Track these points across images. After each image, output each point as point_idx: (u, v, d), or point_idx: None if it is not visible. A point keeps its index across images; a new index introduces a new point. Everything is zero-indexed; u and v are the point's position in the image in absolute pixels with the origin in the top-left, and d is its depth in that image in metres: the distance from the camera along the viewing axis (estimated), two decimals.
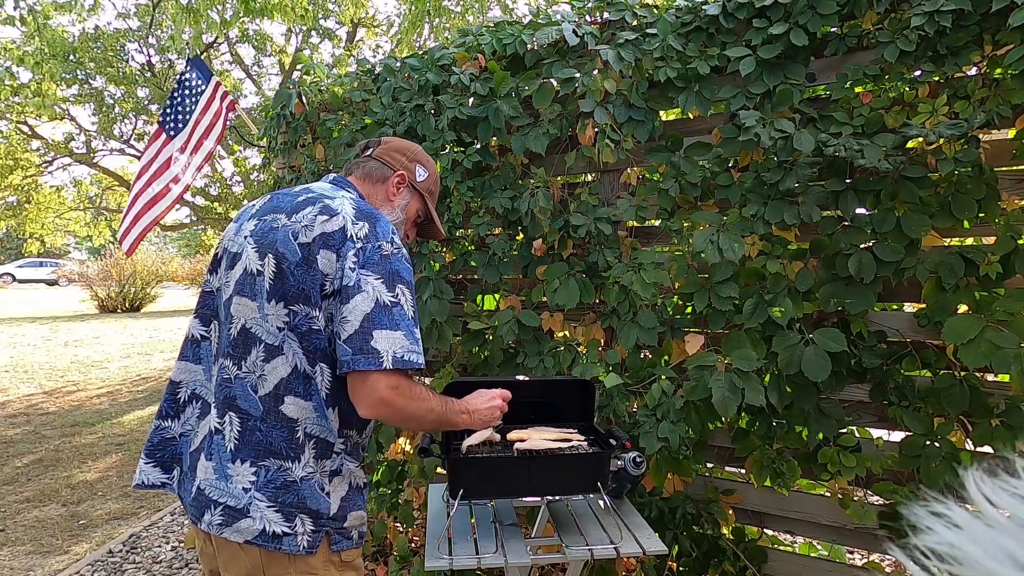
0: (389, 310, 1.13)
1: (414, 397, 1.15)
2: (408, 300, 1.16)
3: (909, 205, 1.68)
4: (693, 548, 2.01)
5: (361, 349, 1.09)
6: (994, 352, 1.51)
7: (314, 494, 1.17)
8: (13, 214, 15.89)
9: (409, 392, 1.14)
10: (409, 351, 1.12)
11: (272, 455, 1.15)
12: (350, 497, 1.23)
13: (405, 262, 1.19)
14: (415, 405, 1.16)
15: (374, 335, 1.10)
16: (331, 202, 1.20)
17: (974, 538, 0.35)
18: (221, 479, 1.14)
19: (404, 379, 1.13)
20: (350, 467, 1.24)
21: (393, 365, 1.09)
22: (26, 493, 3.78)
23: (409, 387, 1.14)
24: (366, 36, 13.20)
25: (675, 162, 2.00)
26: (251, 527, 1.11)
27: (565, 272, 2.13)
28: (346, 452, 1.24)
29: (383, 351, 1.09)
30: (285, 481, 1.15)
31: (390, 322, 1.12)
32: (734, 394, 1.74)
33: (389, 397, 1.10)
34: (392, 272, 1.15)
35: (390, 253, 1.17)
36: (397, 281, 1.15)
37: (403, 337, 1.12)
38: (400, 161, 1.42)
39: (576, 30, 2.11)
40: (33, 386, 6.81)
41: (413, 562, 2.33)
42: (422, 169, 1.45)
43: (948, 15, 1.60)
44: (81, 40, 9.69)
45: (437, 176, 1.50)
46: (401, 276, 1.16)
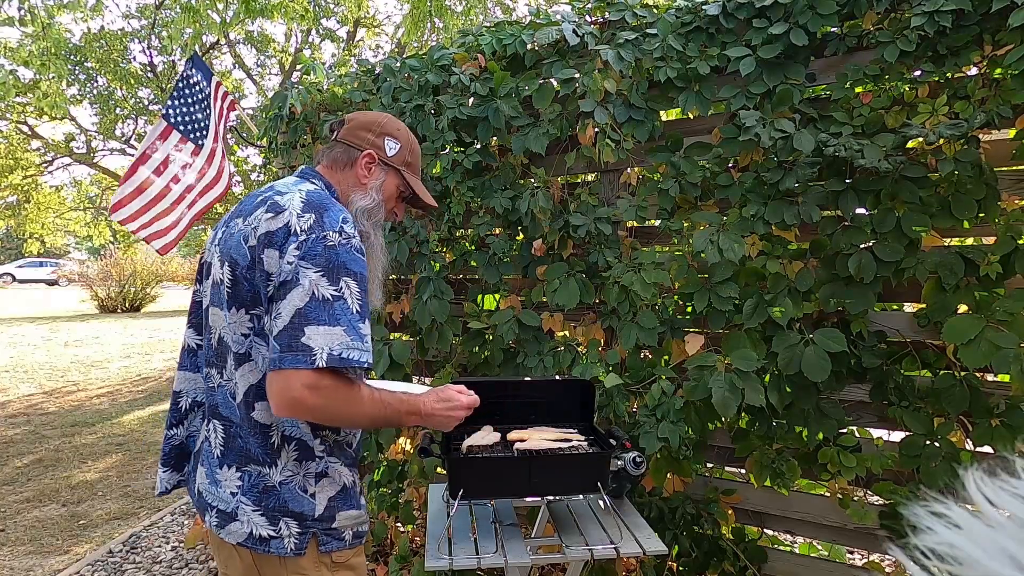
0: (330, 304, 1.05)
1: (338, 399, 1.05)
2: (355, 294, 1.08)
3: (909, 205, 1.68)
4: (693, 548, 2.01)
5: (290, 346, 1.01)
6: (994, 352, 1.51)
7: (296, 497, 1.15)
8: (13, 214, 15.90)
9: (332, 393, 1.04)
10: (349, 348, 1.03)
11: (252, 461, 1.15)
12: (339, 498, 1.20)
13: (355, 253, 1.11)
14: (337, 408, 1.07)
15: (306, 331, 1.02)
16: (280, 198, 1.14)
17: (974, 538, 0.35)
18: (212, 484, 1.17)
19: (332, 379, 1.03)
20: (336, 467, 1.20)
21: (327, 363, 1.00)
22: (26, 493, 3.78)
23: (334, 388, 1.04)
24: (366, 36, 13.20)
25: (675, 162, 2.00)
26: (240, 530, 1.13)
27: (565, 272, 2.13)
28: (328, 453, 1.20)
29: (317, 348, 1.01)
30: (265, 486, 1.14)
31: (329, 317, 1.04)
32: (734, 394, 1.74)
33: (304, 398, 1.01)
34: (337, 264, 1.07)
35: (336, 243, 1.09)
36: (342, 273, 1.07)
37: (343, 333, 1.04)
38: (366, 139, 1.32)
39: (576, 30, 2.11)
40: (33, 386, 6.81)
41: (413, 562, 2.33)
42: (392, 142, 1.33)
43: (948, 15, 1.60)
44: (85, 40, 9.70)
45: (412, 143, 1.37)
46: (348, 268, 1.08)
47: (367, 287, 1.11)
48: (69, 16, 8.58)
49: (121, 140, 13.35)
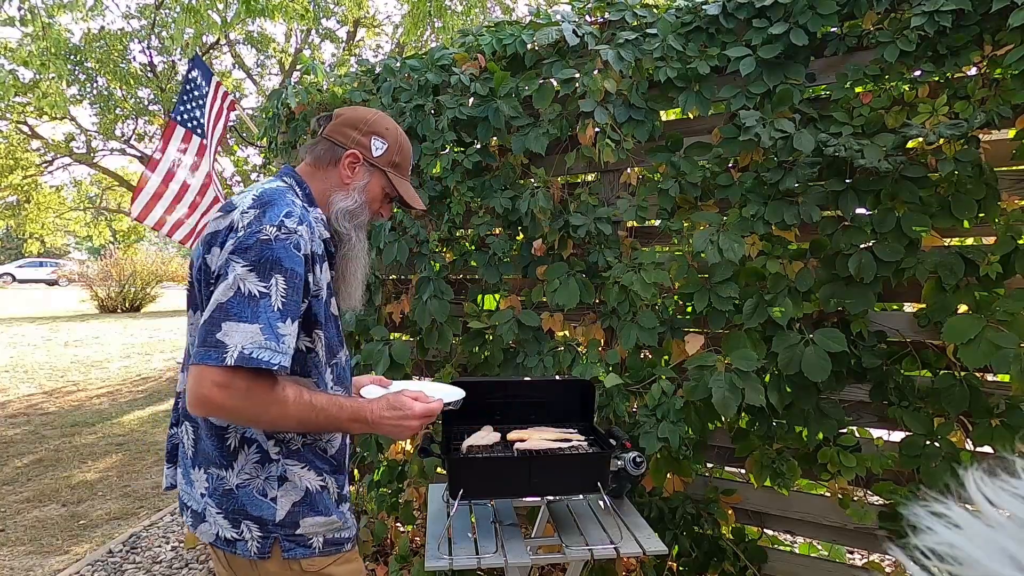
0: (254, 301, 1.01)
1: (251, 400, 1.01)
2: (282, 291, 1.03)
3: (909, 205, 1.68)
4: (693, 548, 2.01)
5: (205, 341, 0.99)
6: (994, 352, 1.51)
7: (254, 501, 1.13)
8: (13, 214, 15.91)
9: (244, 394, 1.00)
10: (261, 348, 0.99)
11: (212, 464, 1.15)
12: (305, 503, 1.16)
13: (293, 249, 1.06)
14: (254, 410, 1.03)
15: (223, 326, 0.99)
16: (236, 197, 1.14)
17: (974, 538, 0.35)
18: (187, 484, 1.19)
19: (246, 378, 0.99)
20: (297, 471, 1.16)
21: (236, 362, 0.97)
22: (26, 493, 3.78)
23: (247, 388, 1.00)
24: (366, 36, 13.21)
25: (675, 162, 2.00)
26: (208, 531, 1.15)
27: (565, 272, 2.13)
28: (286, 456, 1.15)
29: (230, 345, 0.98)
30: (224, 489, 1.13)
31: (251, 314, 1.00)
32: (734, 394, 1.74)
33: (212, 396, 0.98)
34: (269, 259, 1.03)
35: (271, 238, 1.05)
36: (274, 270, 1.03)
37: (259, 332, 1.00)
38: (351, 137, 1.26)
39: (576, 30, 2.11)
40: (33, 386, 6.81)
41: (413, 562, 2.33)
42: (379, 141, 1.27)
43: (948, 15, 1.60)
44: (85, 40, 9.70)
45: (401, 142, 1.32)
46: (281, 264, 1.04)
47: (299, 286, 1.06)
48: (69, 16, 8.58)
49: (121, 140, 13.35)
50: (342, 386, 1.25)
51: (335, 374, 1.22)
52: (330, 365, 1.20)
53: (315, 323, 1.14)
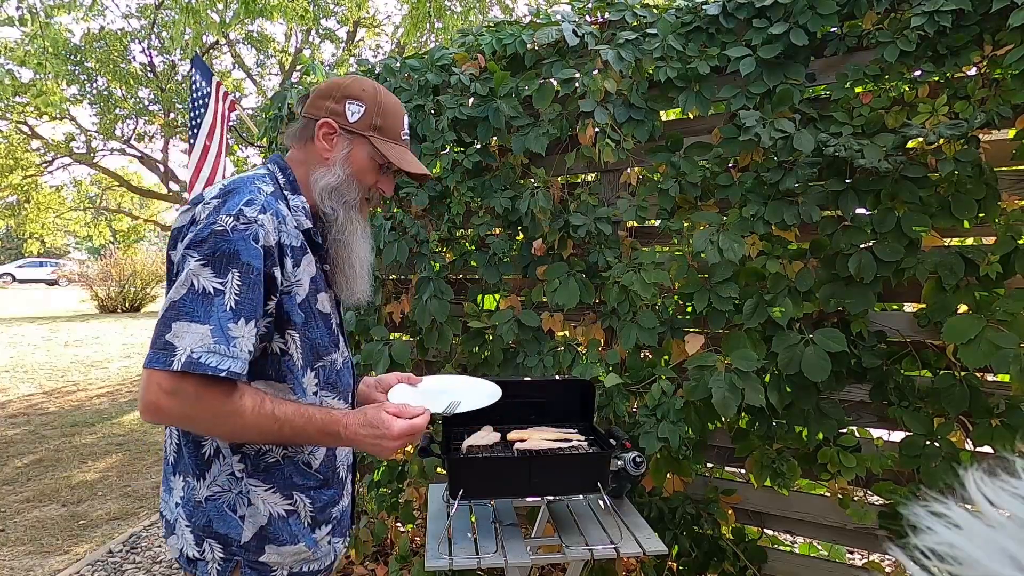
0: (208, 299, 0.92)
1: (202, 409, 0.92)
2: (237, 288, 0.94)
3: (909, 205, 1.68)
4: (693, 548, 2.01)
5: (155, 342, 0.91)
6: (994, 352, 1.51)
7: (223, 516, 1.04)
8: (13, 214, 15.91)
9: (195, 401, 0.91)
10: (209, 352, 0.90)
11: (188, 472, 1.08)
12: (273, 527, 1.07)
13: (251, 241, 0.96)
14: (207, 419, 0.95)
15: (174, 327, 0.91)
16: (207, 189, 1.06)
17: (974, 538, 0.35)
18: (166, 491, 1.12)
19: (196, 385, 0.91)
20: (260, 493, 1.06)
21: (183, 367, 0.88)
22: (26, 493, 3.78)
23: (197, 395, 0.91)
24: (366, 36, 13.21)
25: (675, 162, 2.00)
26: (175, 544, 1.08)
27: (565, 272, 2.13)
28: (251, 473, 1.05)
29: (180, 348, 0.90)
30: (195, 501, 1.06)
31: (203, 313, 0.92)
32: (734, 394, 1.74)
33: (161, 403, 0.90)
34: (226, 252, 0.94)
35: (227, 228, 0.95)
36: (231, 264, 0.94)
37: (209, 334, 0.91)
38: (324, 107, 1.14)
39: (576, 30, 2.11)
40: (33, 386, 6.81)
41: (413, 562, 2.33)
42: (354, 105, 1.13)
43: (948, 15, 1.60)
44: (85, 40, 9.70)
45: (383, 102, 1.16)
46: (238, 258, 0.94)
47: (256, 282, 0.96)
48: (69, 16, 8.59)
49: (121, 140, 13.36)
50: (334, 391, 1.15)
51: (323, 378, 1.12)
52: (315, 368, 1.10)
53: (288, 323, 1.04)
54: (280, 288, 1.02)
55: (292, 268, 1.04)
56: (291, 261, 1.04)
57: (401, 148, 1.18)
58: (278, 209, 1.04)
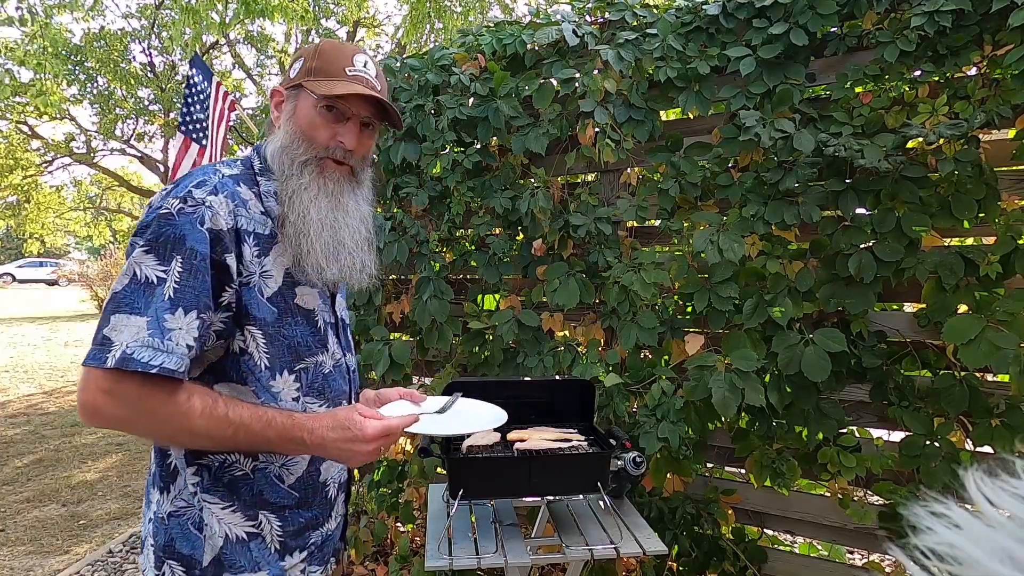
0: (151, 288, 0.84)
1: (146, 410, 0.84)
2: (179, 276, 0.85)
3: (909, 205, 1.68)
4: (693, 548, 2.01)
5: (95, 337, 0.84)
6: (994, 352, 1.51)
7: (187, 535, 0.95)
8: (13, 214, 15.92)
9: (135, 403, 0.83)
10: (143, 347, 0.82)
11: (155, 483, 0.99)
12: (229, 552, 0.96)
13: (197, 225, 0.87)
14: (150, 422, 0.86)
15: (112, 320, 0.83)
16: None
17: (974, 538, 0.35)
18: (145, 504, 1.04)
19: (136, 384, 0.83)
20: (217, 512, 0.96)
21: (115, 364, 0.81)
22: (26, 493, 3.78)
23: (138, 396, 0.83)
24: (366, 36, 13.21)
25: (675, 162, 2.00)
26: (142, 564, 1.00)
27: (565, 272, 2.13)
28: (204, 487, 0.95)
29: (117, 343, 0.82)
30: (159, 517, 0.97)
31: (144, 304, 0.84)
32: (734, 394, 1.74)
33: (98, 404, 0.83)
34: (171, 237, 0.86)
35: (173, 211, 0.87)
36: (175, 250, 0.86)
37: (145, 327, 0.83)
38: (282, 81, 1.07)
39: (576, 30, 2.11)
40: (33, 386, 6.81)
41: (413, 562, 2.33)
42: (297, 63, 1.05)
43: (948, 15, 1.60)
44: (85, 40, 9.70)
45: (321, 47, 1.04)
46: (183, 243, 0.86)
47: (201, 268, 0.87)
48: (69, 16, 8.59)
49: (121, 140, 13.36)
50: (321, 397, 1.03)
51: (306, 382, 1.01)
52: (294, 371, 0.99)
53: (247, 318, 0.94)
54: (236, 279, 0.92)
55: (255, 257, 0.95)
56: (253, 249, 0.94)
57: (344, 83, 1.01)
58: (235, 192, 0.95)
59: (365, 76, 1.03)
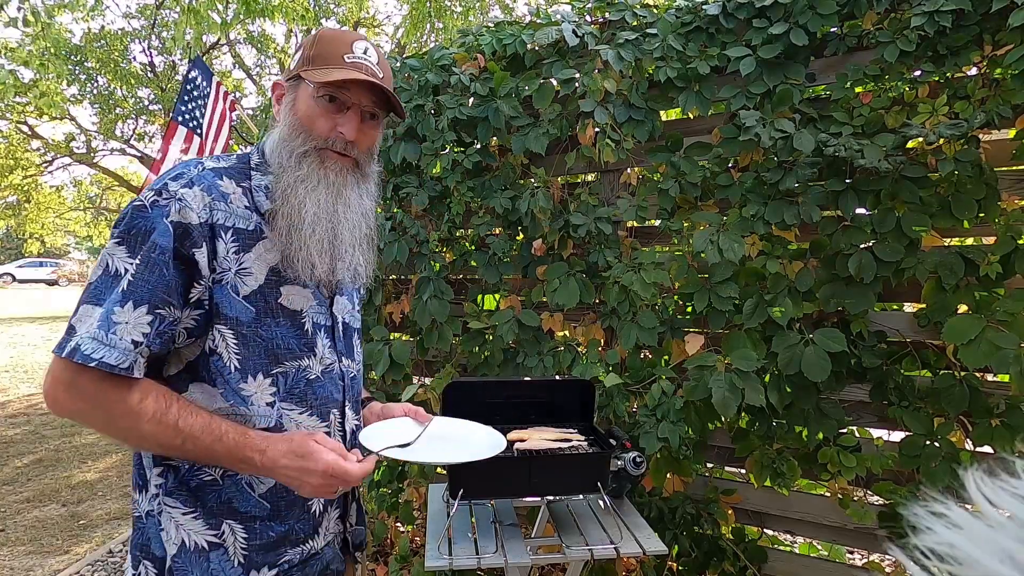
0: (117, 280, 0.84)
1: (99, 405, 0.82)
2: (135, 269, 0.84)
3: (909, 205, 1.68)
4: (693, 548, 2.01)
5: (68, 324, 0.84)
6: (994, 352, 1.51)
7: (158, 535, 0.92)
8: (13, 214, 15.93)
9: (92, 397, 0.82)
10: (91, 339, 0.80)
11: (134, 484, 0.97)
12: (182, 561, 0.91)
13: (165, 221, 0.85)
14: (102, 418, 0.84)
15: (80, 310, 0.83)
16: None
17: (974, 538, 0.35)
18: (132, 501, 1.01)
19: (91, 378, 0.81)
20: (176, 516, 0.92)
21: (66, 355, 0.80)
22: (26, 493, 3.78)
23: (96, 390, 0.82)
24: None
25: (675, 162, 2.00)
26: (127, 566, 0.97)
27: (565, 272, 2.13)
28: (167, 490, 0.92)
29: (78, 332, 0.82)
30: (138, 515, 0.95)
31: (108, 295, 0.83)
32: (734, 394, 1.74)
33: (56, 394, 0.83)
34: (142, 230, 0.85)
35: (146, 203, 0.86)
36: (142, 243, 0.85)
37: (98, 319, 0.82)
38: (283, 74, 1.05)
39: (576, 30, 2.11)
40: (33, 386, 6.81)
41: (413, 562, 2.33)
42: (297, 54, 1.02)
43: (948, 15, 1.60)
44: (85, 40, 9.70)
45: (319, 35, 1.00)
46: (149, 238, 0.85)
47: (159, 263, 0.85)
48: (70, 16, 8.60)
49: (121, 140, 13.37)
50: (303, 405, 0.98)
51: (285, 387, 0.96)
52: (271, 375, 0.94)
53: (217, 316, 0.90)
54: (209, 275, 0.89)
55: (232, 253, 0.91)
56: (231, 245, 0.91)
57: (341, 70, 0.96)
58: (213, 184, 0.92)
59: (365, 63, 0.98)
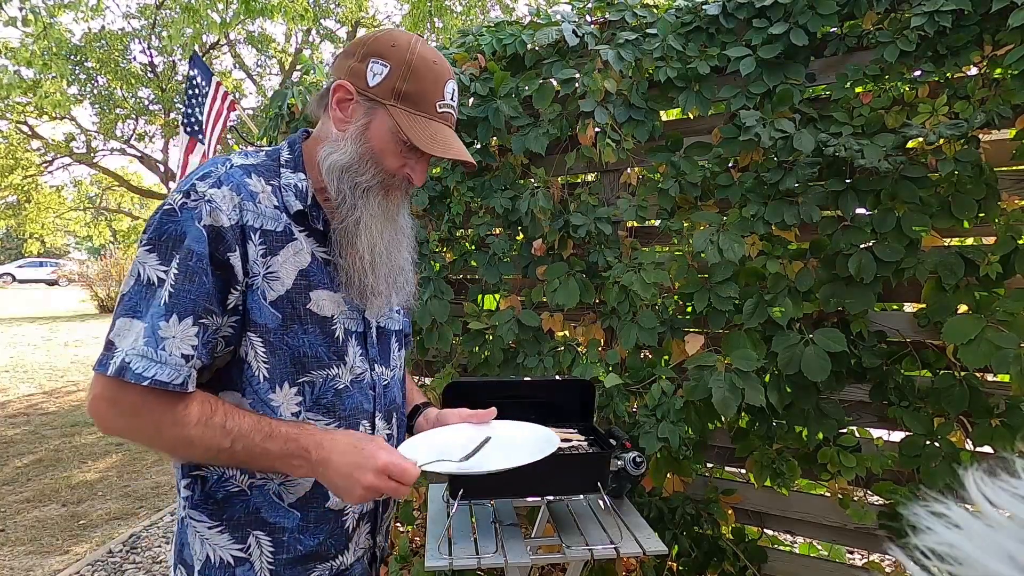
0: (152, 290, 0.79)
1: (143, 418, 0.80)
2: (175, 279, 0.79)
3: (909, 205, 1.68)
4: (693, 548, 2.01)
5: (104, 340, 0.81)
6: (994, 352, 1.51)
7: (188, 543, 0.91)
8: (13, 214, 15.93)
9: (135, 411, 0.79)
10: (139, 356, 0.77)
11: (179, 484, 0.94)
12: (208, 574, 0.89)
13: (195, 223, 0.80)
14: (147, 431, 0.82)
15: (117, 324, 0.80)
16: None
17: (974, 538, 0.35)
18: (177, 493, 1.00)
19: (135, 393, 0.78)
20: (202, 530, 0.89)
21: (113, 373, 0.77)
22: (26, 493, 3.77)
23: (140, 404, 0.79)
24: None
25: (675, 162, 2.00)
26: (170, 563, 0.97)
27: (565, 272, 2.13)
28: (193, 503, 0.89)
29: (119, 349, 0.78)
30: (180, 517, 0.93)
31: (144, 308, 0.79)
32: (734, 394, 1.74)
33: (100, 412, 0.80)
34: (172, 235, 0.80)
35: (176, 206, 0.81)
36: (176, 249, 0.80)
37: (142, 334, 0.78)
38: (344, 67, 0.91)
39: (576, 30, 2.11)
40: (33, 386, 6.81)
41: (413, 562, 2.33)
42: (379, 64, 0.89)
43: (948, 15, 1.60)
44: (85, 40, 9.71)
45: (414, 62, 0.89)
46: (183, 242, 0.80)
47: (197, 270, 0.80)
48: (70, 16, 8.60)
49: (121, 140, 13.37)
50: (331, 416, 0.93)
51: (311, 397, 0.91)
52: (297, 383, 0.90)
53: (248, 324, 0.86)
54: (241, 279, 0.84)
55: (261, 256, 0.86)
56: (259, 248, 0.86)
57: (435, 124, 0.92)
58: (242, 183, 0.86)
59: (452, 111, 0.96)
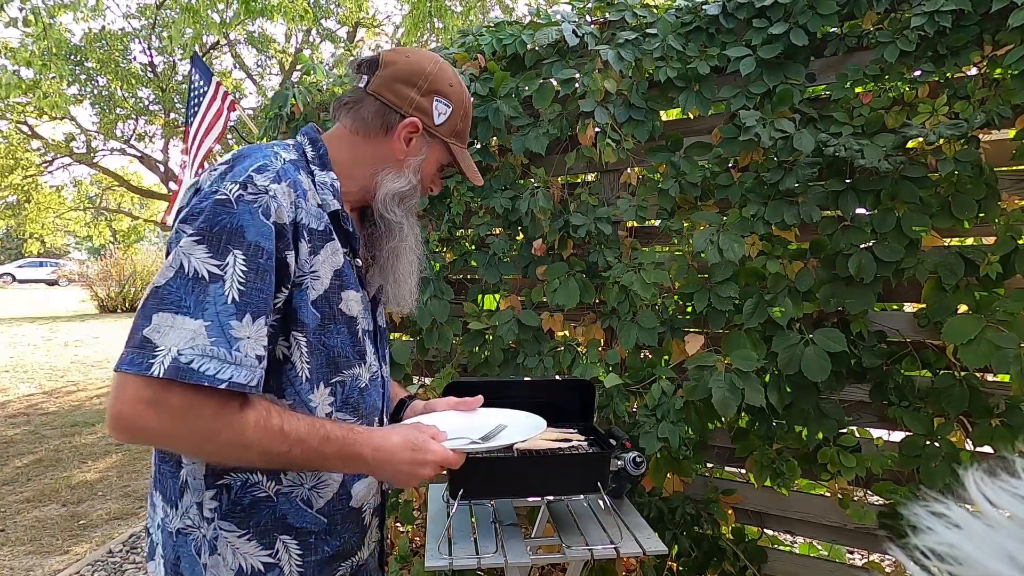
0: (202, 285, 0.73)
1: (191, 423, 0.73)
2: (242, 274, 0.75)
3: (909, 205, 1.68)
4: (693, 548, 2.01)
5: (130, 339, 0.72)
6: (994, 352, 1.51)
7: (189, 558, 0.85)
8: (13, 214, 15.94)
9: (180, 415, 0.72)
10: (205, 355, 0.71)
11: (164, 494, 0.88)
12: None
13: (261, 216, 0.77)
14: (194, 437, 0.75)
15: (155, 319, 0.72)
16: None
17: (974, 538, 0.35)
18: (151, 505, 0.93)
19: (182, 395, 0.72)
20: (233, 540, 0.85)
21: (167, 374, 0.70)
22: (26, 493, 3.77)
23: (186, 407, 0.72)
24: (366, 36, 13.22)
25: (675, 162, 2.00)
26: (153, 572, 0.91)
27: (565, 272, 2.13)
28: (222, 513, 0.85)
29: (162, 347, 0.70)
30: (168, 531, 0.87)
31: (194, 303, 0.72)
32: (734, 394, 1.74)
33: (136, 416, 0.71)
34: (227, 228, 0.75)
35: (231, 199, 0.76)
36: (233, 243, 0.75)
37: (204, 332, 0.72)
38: (409, 99, 0.95)
39: (576, 30, 2.11)
40: (33, 386, 6.81)
41: (413, 562, 2.33)
42: (442, 104, 0.97)
43: (948, 15, 1.60)
44: (85, 40, 9.71)
45: (466, 104, 1.01)
46: (243, 236, 0.76)
47: (266, 268, 0.77)
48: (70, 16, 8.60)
49: (121, 140, 13.37)
50: (355, 415, 0.94)
51: (341, 397, 0.92)
52: (330, 384, 0.90)
53: (294, 323, 0.84)
54: (291, 278, 0.83)
55: (308, 255, 0.85)
56: (307, 246, 0.85)
57: (467, 152, 1.05)
58: (297, 180, 0.85)
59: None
